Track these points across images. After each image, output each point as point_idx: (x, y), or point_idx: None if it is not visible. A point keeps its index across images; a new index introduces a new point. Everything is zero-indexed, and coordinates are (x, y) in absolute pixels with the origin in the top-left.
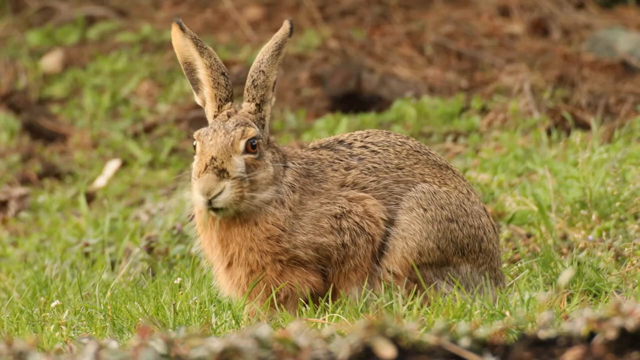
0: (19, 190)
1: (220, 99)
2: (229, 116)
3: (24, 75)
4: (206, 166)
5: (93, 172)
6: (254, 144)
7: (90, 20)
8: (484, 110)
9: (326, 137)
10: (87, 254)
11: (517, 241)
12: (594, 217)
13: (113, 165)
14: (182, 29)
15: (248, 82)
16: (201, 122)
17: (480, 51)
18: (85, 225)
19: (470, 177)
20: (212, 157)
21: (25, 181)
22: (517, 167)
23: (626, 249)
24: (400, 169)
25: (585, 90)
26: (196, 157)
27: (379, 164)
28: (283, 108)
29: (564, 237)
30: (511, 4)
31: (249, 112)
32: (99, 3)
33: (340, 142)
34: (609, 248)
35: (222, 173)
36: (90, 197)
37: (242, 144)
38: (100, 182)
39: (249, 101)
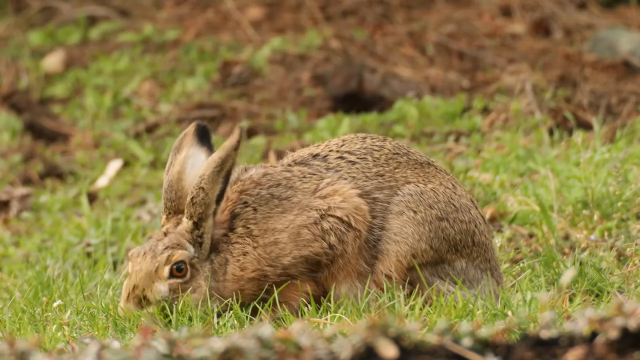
0: (21, 190)
1: (170, 210)
2: (165, 235)
3: (26, 75)
4: (128, 295)
5: (95, 172)
6: (180, 267)
7: (92, 20)
8: (485, 110)
9: (301, 150)
10: (89, 254)
11: (519, 241)
12: (596, 217)
13: (115, 165)
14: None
15: (188, 198)
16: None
17: (482, 51)
18: (87, 225)
19: (472, 177)
20: (135, 286)
21: (27, 181)
22: (519, 167)
23: (628, 249)
24: (381, 175)
25: (587, 90)
26: (127, 278)
27: (356, 175)
28: (285, 108)
29: (566, 237)
30: (513, 4)
31: (186, 231)
32: (100, 3)
33: (315, 156)
34: (611, 248)
35: (141, 302)
36: (92, 197)
37: (166, 270)
38: (102, 182)
39: (187, 218)
